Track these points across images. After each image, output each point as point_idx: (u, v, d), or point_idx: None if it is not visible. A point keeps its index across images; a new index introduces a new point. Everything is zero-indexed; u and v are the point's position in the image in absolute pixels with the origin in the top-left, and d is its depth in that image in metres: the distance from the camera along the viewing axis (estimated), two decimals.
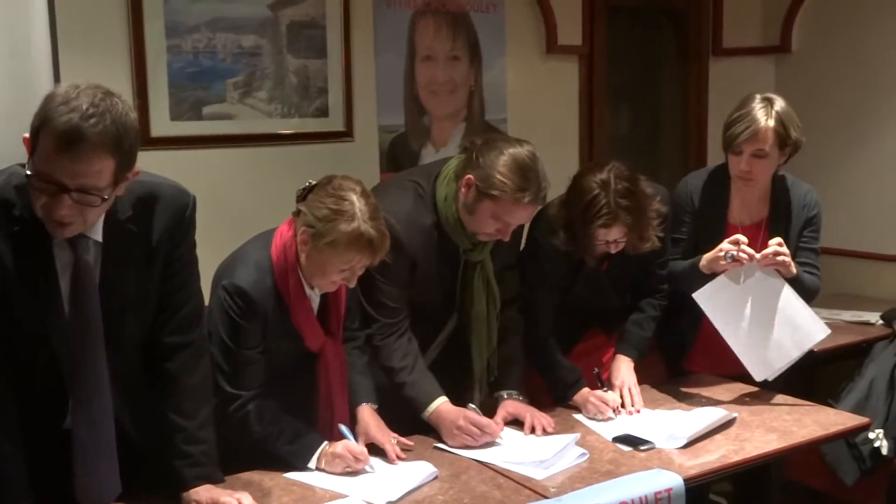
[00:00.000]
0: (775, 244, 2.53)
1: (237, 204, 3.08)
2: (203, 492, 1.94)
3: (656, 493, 2.03)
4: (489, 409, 2.47)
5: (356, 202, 2.07)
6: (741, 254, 2.50)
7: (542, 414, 2.44)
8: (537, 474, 2.14)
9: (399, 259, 2.36)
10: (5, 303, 1.74)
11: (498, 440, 2.32)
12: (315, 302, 2.21)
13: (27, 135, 1.66)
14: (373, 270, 2.34)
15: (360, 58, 3.54)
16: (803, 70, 4.35)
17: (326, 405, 2.24)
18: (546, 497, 2.01)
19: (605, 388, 2.58)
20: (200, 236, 2.11)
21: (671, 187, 2.82)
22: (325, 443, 2.16)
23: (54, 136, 1.60)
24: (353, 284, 2.16)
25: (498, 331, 2.55)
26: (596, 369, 2.65)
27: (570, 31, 4.04)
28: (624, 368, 2.64)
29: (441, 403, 2.35)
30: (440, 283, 2.48)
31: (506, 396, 2.50)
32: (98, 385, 1.84)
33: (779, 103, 2.58)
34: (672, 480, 2.08)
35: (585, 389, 2.57)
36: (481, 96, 3.87)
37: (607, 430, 2.39)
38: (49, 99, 1.65)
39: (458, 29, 3.77)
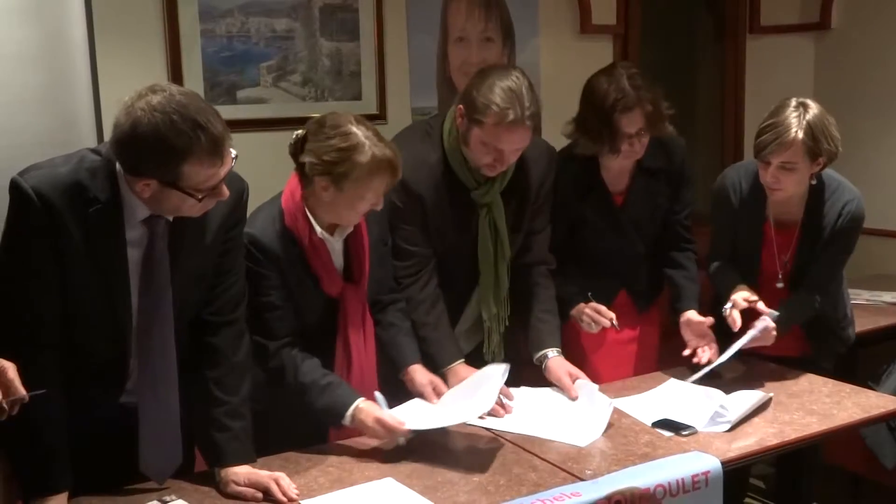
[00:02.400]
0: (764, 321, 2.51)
1: (272, 187, 3.09)
2: (241, 471, 1.96)
3: (693, 476, 2.02)
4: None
5: (359, 131, 2.09)
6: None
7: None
8: (579, 441, 2.18)
9: (406, 198, 2.39)
10: (73, 280, 1.79)
11: (531, 408, 2.37)
12: (335, 248, 2.22)
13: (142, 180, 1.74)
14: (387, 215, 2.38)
15: (393, 40, 3.54)
16: (843, 48, 4.26)
17: (344, 349, 2.25)
18: (582, 479, 2.00)
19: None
20: None
21: (707, 168, 2.80)
22: (359, 401, 2.14)
23: (207, 153, 1.71)
24: (380, 206, 2.17)
25: (530, 289, 2.60)
26: (590, 293, 2.68)
27: (605, 11, 4.00)
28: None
29: (457, 364, 2.41)
30: (456, 230, 2.47)
31: (550, 356, 2.50)
32: (165, 359, 1.90)
33: (812, 111, 2.45)
34: (710, 463, 2.06)
35: (581, 304, 2.63)
36: None
37: (646, 415, 2.38)
38: (169, 125, 1.68)
39: (490, 10, 3.74)
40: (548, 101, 3.86)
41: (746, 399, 2.37)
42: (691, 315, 2.64)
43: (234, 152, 1.80)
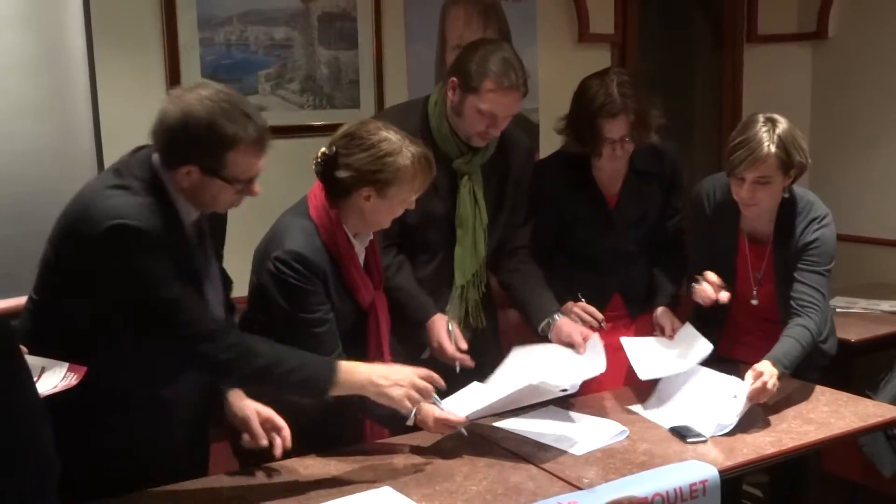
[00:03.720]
0: (763, 379, 2.29)
1: (269, 196, 3.10)
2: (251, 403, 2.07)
3: (691, 485, 2.02)
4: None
5: (390, 136, 2.11)
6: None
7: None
8: (576, 449, 2.19)
9: None
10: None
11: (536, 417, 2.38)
12: (361, 257, 2.23)
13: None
14: None
15: (391, 48, 3.54)
16: (840, 57, 4.27)
17: (377, 355, 2.25)
18: (579, 488, 2.00)
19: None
20: (233, 227, 2.13)
21: (705, 177, 2.80)
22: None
23: (253, 142, 1.83)
24: (413, 205, 2.20)
25: (519, 268, 2.65)
26: (579, 294, 2.71)
27: (603, 19, 4.01)
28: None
29: (435, 316, 2.46)
30: (433, 201, 2.47)
31: (557, 318, 2.55)
32: None
33: (781, 126, 2.48)
34: (707, 472, 2.06)
35: (570, 302, 2.67)
36: None
37: (664, 419, 2.38)
38: (213, 113, 1.78)
39: (488, 18, 3.75)
40: (546, 109, 3.90)
41: (739, 389, 2.35)
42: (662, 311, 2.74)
43: None
